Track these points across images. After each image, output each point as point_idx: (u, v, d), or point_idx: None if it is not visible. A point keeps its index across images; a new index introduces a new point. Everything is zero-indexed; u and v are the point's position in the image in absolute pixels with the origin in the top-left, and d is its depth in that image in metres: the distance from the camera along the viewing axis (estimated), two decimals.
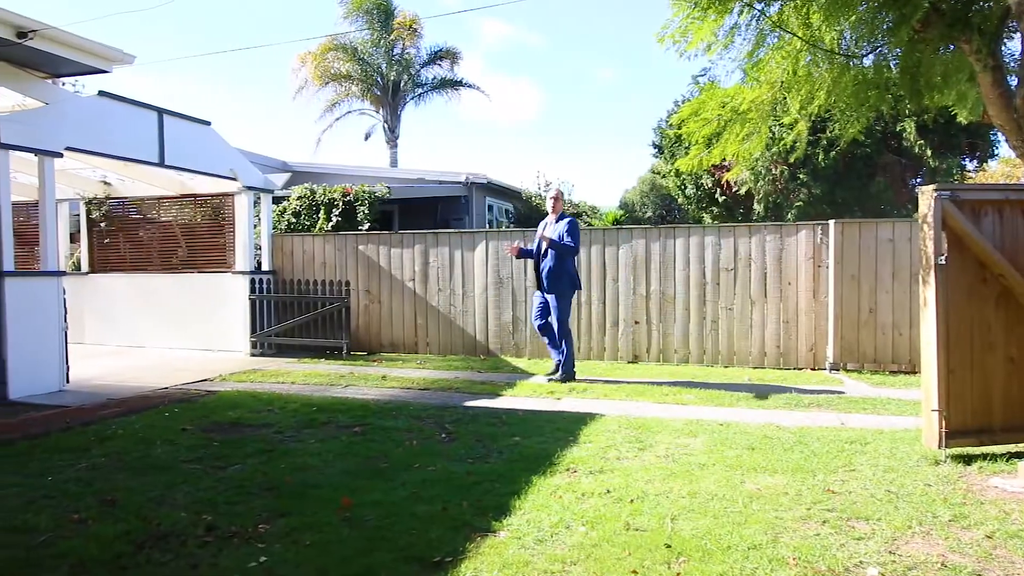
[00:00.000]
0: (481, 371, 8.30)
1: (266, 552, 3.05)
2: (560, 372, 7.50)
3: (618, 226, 9.04)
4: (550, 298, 7.47)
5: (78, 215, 11.41)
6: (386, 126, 25.76)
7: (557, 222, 7.55)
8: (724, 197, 17.21)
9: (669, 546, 3.09)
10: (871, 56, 4.66)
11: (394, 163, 25.20)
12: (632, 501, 3.68)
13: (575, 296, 7.88)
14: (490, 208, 17.32)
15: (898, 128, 14.38)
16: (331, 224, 12.07)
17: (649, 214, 25.95)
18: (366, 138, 26.80)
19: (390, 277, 9.94)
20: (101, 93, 7.64)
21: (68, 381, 7.11)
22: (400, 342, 9.90)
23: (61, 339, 7.01)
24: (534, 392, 6.92)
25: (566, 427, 5.37)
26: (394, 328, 9.93)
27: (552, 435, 5.12)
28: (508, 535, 3.23)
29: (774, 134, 8.83)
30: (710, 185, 17.26)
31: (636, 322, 8.91)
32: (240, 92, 70.19)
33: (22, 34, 6.04)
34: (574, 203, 19.19)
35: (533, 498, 3.73)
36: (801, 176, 15.01)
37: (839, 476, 4.10)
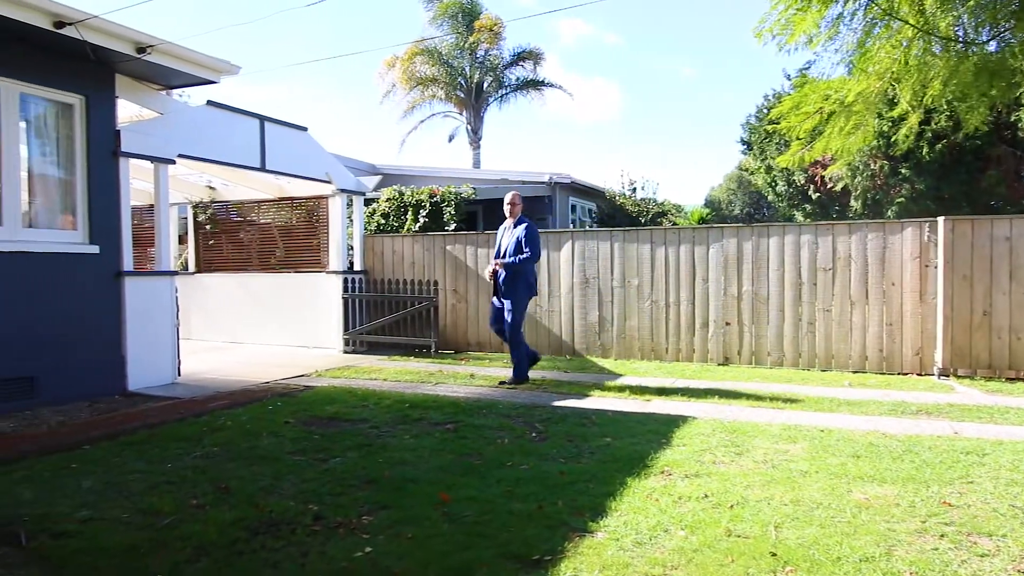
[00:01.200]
0: (567, 371, 8.29)
1: (370, 543, 3.14)
2: (512, 378, 7.39)
3: (708, 225, 8.82)
4: (506, 303, 7.38)
5: (185, 218, 12.13)
6: (469, 128, 26.14)
7: (515, 227, 7.46)
8: (818, 194, 16.53)
9: (774, 554, 2.99)
10: (993, 43, 4.36)
11: (477, 164, 25.53)
12: (732, 507, 3.58)
13: (651, 297, 7.74)
14: (573, 208, 17.27)
15: (1012, 118, 13.42)
16: (418, 225, 12.35)
17: (736, 212, 25.24)
18: (449, 140, 27.31)
19: (477, 277, 10.06)
20: (209, 103, 8.09)
21: (179, 374, 7.56)
22: (486, 341, 10.01)
23: (174, 335, 7.47)
24: (622, 393, 6.85)
25: (657, 429, 5.29)
26: (480, 327, 10.05)
27: (644, 437, 5.06)
28: (606, 536, 3.21)
29: (875, 127, 8.41)
30: (803, 181, 16.61)
31: (727, 323, 8.68)
32: (330, 97, 72.71)
33: (141, 49, 6.47)
34: (658, 202, 18.88)
35: (629, 500, 3.69)
36: (903, 170, 14.22)
37: (956, 488, 3.86)
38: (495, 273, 7.40)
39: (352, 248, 10.87)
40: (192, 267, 11.94)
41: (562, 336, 9.58)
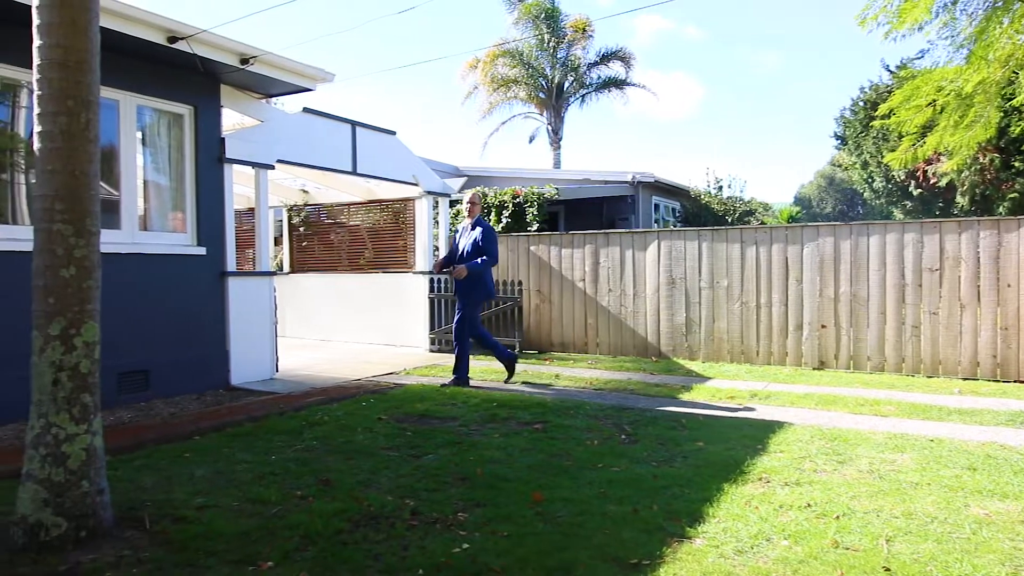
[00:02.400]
0: (654, 373, 8.16)
1: (467, 540, 3.19)
2: (453, 378, 7.38)
3: (802, 223, 8.49)
4: (458, 304, 7.36)
5: (281, 221, 12.66)
6: (549, 128, 26.15)
7: (473, 228, 7.43)
8: (919, 190, 15.63)
9: (888, 570, 2.85)
10: None
11: (557, 164, 25.51)
12: (838, 518, 3.43)
13: (740, 298, 7.51)
14: (656, 207, 17.00)
15: None
16: (501, 225, 12.45)
17: (828, 210, 24.18)
18: (530, 141, 27.47)
19: (560, 277, 10.05)
20: (305, 110, 8.43)
21: (277, 370, 7.90)
22: (570, 341, 9.99)
23: (272, 333, 7.81)
24: (713, 396, 6.68)
25: (752, 434, 5.13)
26: (564, 328, 10.04)
27: (738, 442, 4.92)
28: (705, 543, 3.14)
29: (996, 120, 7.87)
30: (903, 177, 15.74)
31: (823, 326, 8.33)
32: (413, 100, 74.31)
33: (244, 60, 6.80)
34: (744, 200, 18.32)
35: (726, 506, 3.60)
36: (1017, 164, 13.26)
37: None
38: (442, 270, 7.66)
39: (438, 248, 11.06)
40: (287, 268, 12.45)
41: (647, 337, 9.44)
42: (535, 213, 12.31)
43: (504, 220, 12.43)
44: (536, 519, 3.45)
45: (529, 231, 11.94)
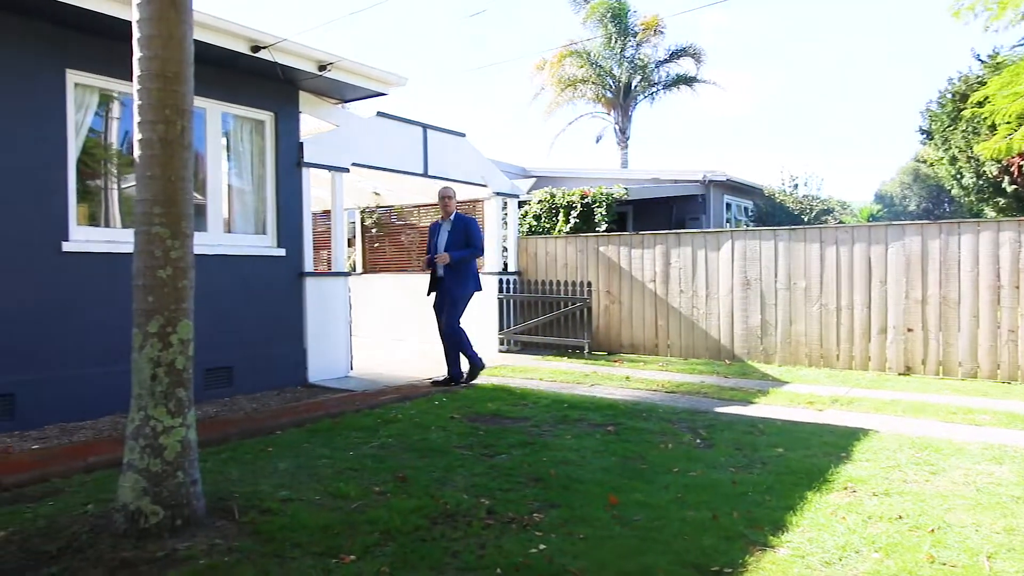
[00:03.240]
0: (728, 376, 7.96)
1: (544, 541, 3.18)
2: (448, 376, 7.32)
3: (887, 222, 8.13)
4: (450, 298, 7.16)
5: (354, 223, 12.99)
6: (617, 127, 25.91)
7: (455, 224, 7.23)
8: (1014, 186, 14.71)
9: None
10: None
11: (624, 164, 25.26)
12: (932, 531, 3.26)
13: (820, 300, 7.23)
14: (728, 206, 16.61)
15: None
16: (569, 226, 12.41)
17: (912, 208, 23.07)
18: (597, 141, 27.27)
19: (630, 278, 9.94)
20: (379, 114, 8.61)
21: (351, 369, 8.10)
22: (640, 343, 9.86)
23: (347, 331, 8.02)
24: (791, 401, 6.47)
25: (834, 442, 4.94)
26: (634, 329, 9.92)
27: (819, 449, 4.74)
28: (789, 553, 3.04)
29: None
30: (995, 173, 14.85)
31: (909, 329, 7.95)
32: (480, 102, 74.99)
33: (322, 67, 7.00)
34: (821, 199, 17.68)
35: (811, 516, 3.47)
36: None
37: None
38: (432, 266, 7.33)
39: (506, 250, 11.12)
40: (359, 268, 12.76)
41: (720, 340, 9.22)
42: (603, 213, 12.22)
43: (572, 221, 12.39)
44: (613, 522, 3.41)
45: (598, 231, 11.85)
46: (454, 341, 7.26)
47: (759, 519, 3.44)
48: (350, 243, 13.41)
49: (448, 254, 7.08)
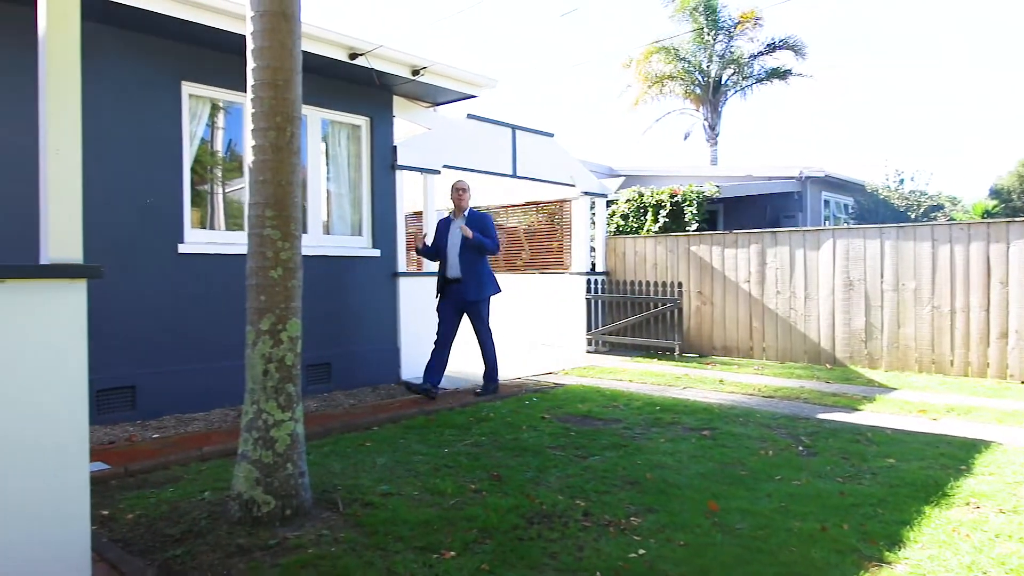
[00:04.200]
0: (829, 381, 7.61)
1: (643, 545, 3.13)
2: (487, 386, 6.76)
3: (1008, 218, 7.56)
4: (472, 306, 6.55)
5: None
6: (706, 124, 25.24)
7: (469, 219, 6.54)
8: None
9: None
10: None
11: (714, 161, 24.58)
12: None
13: (931, 302, 6.81)
14: (826, 203, 15.88)
15: None
16: (658, 225, 12.19)
17: None
18: (685, 138, 26.60)
19: (723, 278, 9.66)
20: (469, 116, 8.73)
21: None
22: (733, 346, 9.57)
23: None
24: (901, 409, 6.11)
25: (952, 453, 4.63)
26: (727, 331, 9.64)
27: (935, 461, 4.45)
28: (908, 570, 2.86)
29: None
30: None
31: None
32: (565, 100, 74.89)
33: (415, 71, 7.16)
34: (929, 195, 16.62)
35: (930, 532, 3.26)
36: None
37: None
38: (426, 251, 6.75)
39: (594, 250, 11.04)
40: None
41: (820, 343, 8.82)
42: (694, 212, 11.93)
43: (661, 220, 12.16)
44: (713, 529, 3.32)
45: (688, 231, 11.59)
46: (490, 354, 6.80)
47: (872, 533, 3.26)
48: None
49: (471, 231, 6.38)
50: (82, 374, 2.57)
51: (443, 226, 6.75)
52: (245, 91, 3.44)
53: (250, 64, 3.41)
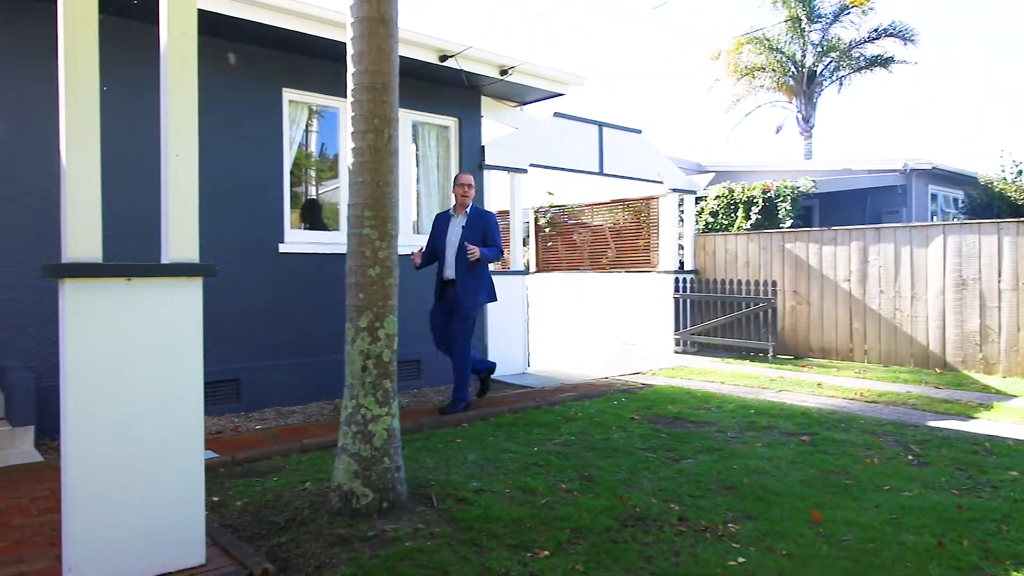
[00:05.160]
0: (939, 387, 7.15)
1: (742, 553, 3.02)
2: (456, 402, 5.86)
3: None
4: (462, 308, 5.84)
5: (527, 222, 13.26)
6: (799, 116, 24.22)
7: (470, 219, 5.88)
8: None
9: None
10: None
11: (808, 155, 23.56)
12: None
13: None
14: (933, 197, 14.95)
15: None
16: (750, 222, 11.78)
17: None
18: (777, 131, 25.61)
19: (820, 277, 9.25)
20: (555, 114, 8.71)
21: (529, 365, 8.26)
22: (831, 347, 9.14)
23: (524, 329, 8.19)
24: (1023, 418, 5.67)
25: None
26: (824, 332, 9.21)
27: None
28: None
29: None
30: None
31: None
32: (652, 96, 73.65)
33: (503, 71, 7.21)
34: None
35: None
36: None
37: None
38: (427, 261, 6.08)
39: (682, 248, 10.80)
40: (532, 267, 13.01)
41: (928, 346, 8.30)
42: (788, 208, 11.46)
43: (753, 217, 11.75)
44: (818, 540, 3.17)
45: (782, 228, 11.15)
46: (463, 362, 5.97)
47: (996, 551, 3.03)
48: (523, 242, 13.70)
49: (479, 249, 5.71)
50: (198, 365, 2.72)
51: (441, 221, 6.10)
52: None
53: (350, 69, 3.51)
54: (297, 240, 6.36)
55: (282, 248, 6.21)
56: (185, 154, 2.70)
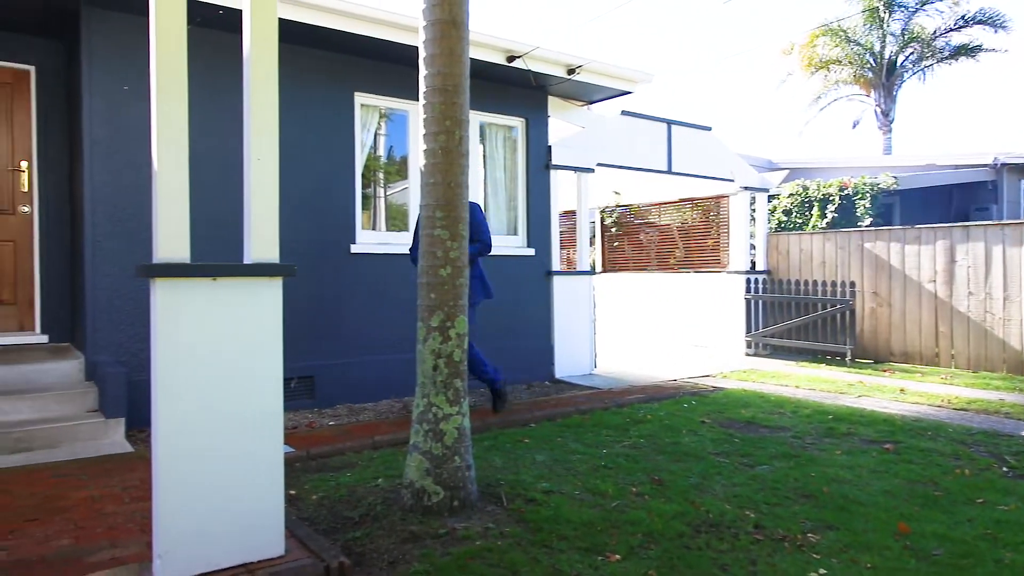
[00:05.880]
0: None
1: (823, 565, 2.91)
2: (495, 392, 5.80)
3: None
4: None
5: (593, 222, 13.17)
6: (878, 110, 23.21)
7: None
8: None
9: None
10: None
11: (887, 150, 22.56)
12: None
13: None
14: None
15: None
16: (825, 221, 11.36)
17: None
18: (854, 126, 24.65)
19: (903, 277, 8.83)
20: (623, 112, 8.61)
21: (595, 366, 8.20)
22: (915, 351, 8.72)
23: (591, 329, 8.13)
24: None
25: None
26: (907, 335, 8.80)
27: None
28: None
29: None
30: None
31: None
32: (722, 92, 72.03)
33: (571, 71, 7.17)
34: None
35: None
36: None
37: None
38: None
39: (754, 247, 10.51)
40: (599, 267, 12.91)
41: (1022, 351, 7.81)
42: (867, 206, 10.99)
43: (829, 215, 11.32)
44: (905, 553, 3.02)
45: (860, 226, 10.71)
46: (472, 359, 5.47)
47: None
48: (590, 242, 13.61)
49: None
50: (278, 361, 2.81)
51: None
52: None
53: (422, 71, 3.56)
54: (368, 241, 6.50)
55: (354, 248, 6.36)
56: (266, 158, 2.79)
